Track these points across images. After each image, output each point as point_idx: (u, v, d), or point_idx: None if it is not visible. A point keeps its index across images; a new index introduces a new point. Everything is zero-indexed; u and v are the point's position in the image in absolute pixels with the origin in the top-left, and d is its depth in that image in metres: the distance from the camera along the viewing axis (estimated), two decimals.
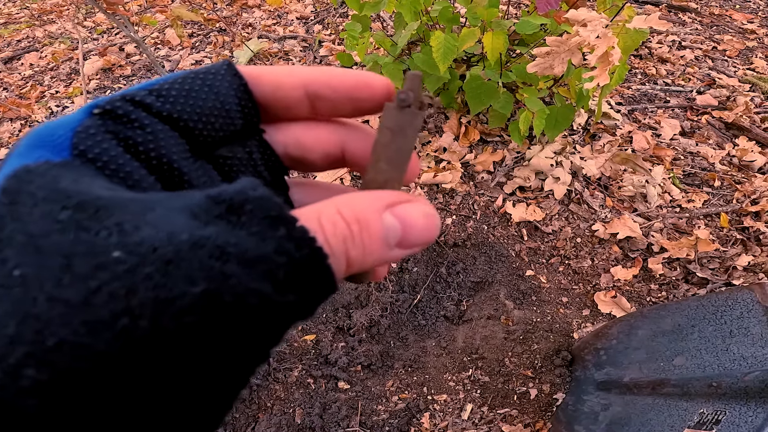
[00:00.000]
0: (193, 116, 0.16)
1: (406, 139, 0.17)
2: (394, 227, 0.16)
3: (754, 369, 0.74)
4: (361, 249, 0.15)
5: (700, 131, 1.67)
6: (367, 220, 0.15)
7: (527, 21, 1.32)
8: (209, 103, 0.17)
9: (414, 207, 0.16)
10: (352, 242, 0.15)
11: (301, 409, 1.13)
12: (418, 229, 0.16)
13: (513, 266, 1.36)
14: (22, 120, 1.95)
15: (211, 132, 0.17)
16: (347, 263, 0.15)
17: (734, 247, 1.30)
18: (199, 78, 0.17)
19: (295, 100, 0.18)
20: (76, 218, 0.12)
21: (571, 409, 1.05)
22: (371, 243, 0.15)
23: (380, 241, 0.15)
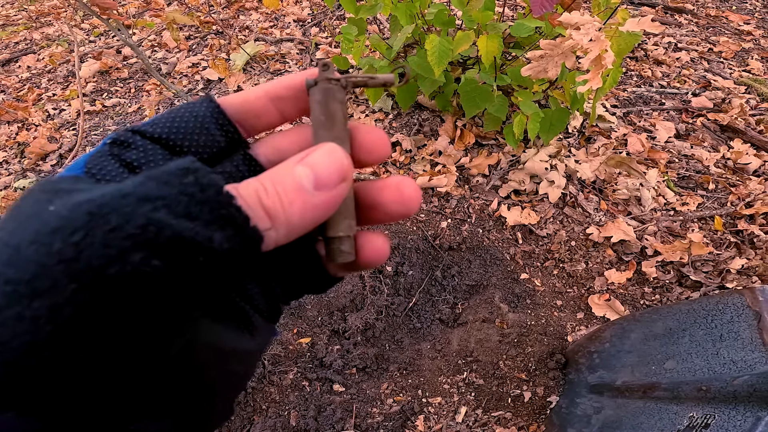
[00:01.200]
0: (179, 136, 0.20)
1: (332, 107, 0.20)
2: (305, 173, 0.18)
3: (743, 373, 0.74)
4: (276, 198, 0.17)
5: (695, 134, 1.68)
6: (279, 175, 0.18)
7: (522, 24, 1.32)
8: (191, 124, 0.20)
9: (319, 149, 0.19)
10: (265, 193, 0.17)
11: (296, 411, 1.14)
12: (324, 165, 0.18)
13: (508, 269, 1.37)
14: (20, 122, 1.95)
15: (197, 148, 0.20)
16: (267, 213, 0.17)
17: (728, 251, 1.30)
18: (184, 108, 0.21)
19: (261, 107, 0.21)
20: (48, 198, 0.16)
21: (564, 412, 1.06)
22: (287, 192, 0.17)
23: (295, 188, 0.18)
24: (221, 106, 0.21)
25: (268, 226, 0.17)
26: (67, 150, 1.81)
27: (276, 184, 0.18)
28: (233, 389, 0.20)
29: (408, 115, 1.72)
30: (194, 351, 0.17)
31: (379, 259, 0.20)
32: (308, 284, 0.22)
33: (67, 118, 1.97)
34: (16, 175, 1.74)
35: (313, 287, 0.22)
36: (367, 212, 0.21)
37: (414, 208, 0.20)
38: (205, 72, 2.09)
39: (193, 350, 0.17)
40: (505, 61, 1.50)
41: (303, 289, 0.22)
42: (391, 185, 0.20)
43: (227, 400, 0.20)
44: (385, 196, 0.20)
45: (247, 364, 0.20)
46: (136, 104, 2.00)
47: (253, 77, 2.03)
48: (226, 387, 0.19)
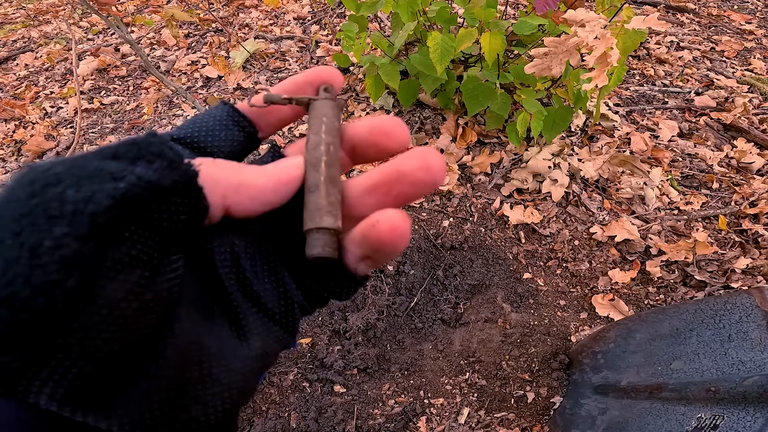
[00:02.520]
0: (200, 136, 0.21)
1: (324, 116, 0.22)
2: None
3: (753, 374, 0.73)
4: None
5: (699, 133, 1.67)
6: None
7: (525, 21, 1.31)
8: (210, 123, 0.21)
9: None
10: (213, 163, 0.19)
11: (296, 413, 1.12)
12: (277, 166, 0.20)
13: (510, 269, 1.36)
14: (17, 120, 1.94)
15: (219, 144, 0.21)
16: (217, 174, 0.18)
17: (732, 250, 1.29)
18: (205, 113, 0.22)
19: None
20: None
21: (568, 413, 1.05)
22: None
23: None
24: (238, 106, 0.22)
25: (200, 162, 0.18)
26: (64, 148, 1.79)
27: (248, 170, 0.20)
28: (221, 400, 0.17)
29: (409, 113, 1.71)
30: (172, 343, 0.16)
31: (396, 237, 0.18)
32: (329, 283, 0.21)
33: (64, 116, 1.95)
34: (12, 173, 1.72)
35: (335, 287, 0.21)
36: (392, 186, 0.20)
37: (440, 177, 0.19)
38: (204, 69, 2.08)
39: (171, 341, 0.16)
40: (508, 59, 1.49)
41: (324, 290, 0.21)
42: (415, 153, 0.19)
43: (218, 412, 0.17)
44: (410, 164, 0.19)
45: (234, 373, 0.18)
46: (134, 102, 1.98)
47: (253, 75, 2.02)
48: (210, 395, 0.17)
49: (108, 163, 0.15)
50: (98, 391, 0.15)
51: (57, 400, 0.14)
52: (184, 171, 0.17)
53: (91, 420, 0.15)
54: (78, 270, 0.14)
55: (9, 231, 0.14)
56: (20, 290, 0.13)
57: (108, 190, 0.14)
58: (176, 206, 0.16)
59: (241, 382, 0.18)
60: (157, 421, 0.16)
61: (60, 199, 0.14)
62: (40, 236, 0.14)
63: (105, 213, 0.14)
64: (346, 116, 1.76)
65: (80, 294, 0.14)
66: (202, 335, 0.17)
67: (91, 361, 0.14)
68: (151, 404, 0.16)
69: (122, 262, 0.15)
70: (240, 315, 0.19)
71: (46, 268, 0.13)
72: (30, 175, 0.15)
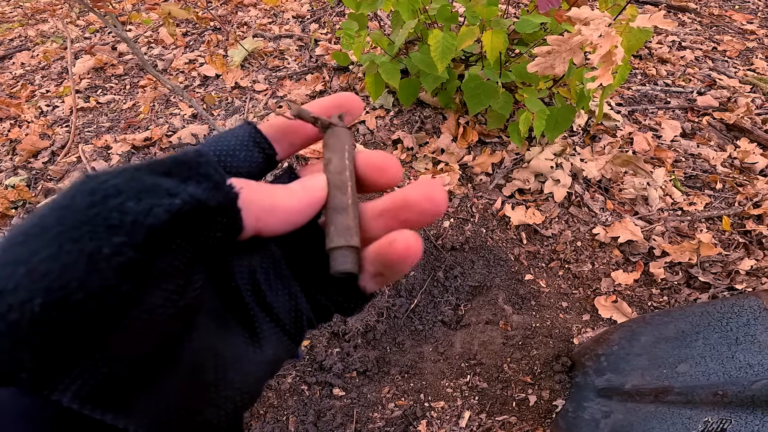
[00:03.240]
0: (222, 154, 0.22)
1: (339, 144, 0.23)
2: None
3: (761, 377, 0.71)
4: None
5: (701, 133, 1.66)
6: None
7: (527, 20, 1.29)
8: (232, 143, 0.22)
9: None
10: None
11: (294, 416, 1.11)
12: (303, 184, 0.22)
13: (512, 270, 1.34)
14: (12, 119, 1.91)
15: (237, 164, 0.22)
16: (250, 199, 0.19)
17: (737, 251, 1.27)
18: (228, 132, 0.23)
19: (298, 125, 0.24)
20: None
21: (571, 416, 1.03)
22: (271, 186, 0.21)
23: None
24: (260, 127, 0.23)
25: (242, 185, 0.19)
26: (59, 147, 1.77)
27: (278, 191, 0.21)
28: (233, 403, 0.18)
29: (409, 113, 1.69)
30: (189, 347, 0.17)
31: (409, 256, 0.20)
32: (338, 299, 0.22)
33: (60, 115, 1.93)
34: (6, 172, 1.70)
35: (344, 303, 0.22)
36: (399, 212, 0.22)
37: (442, 208, 0.21)
38: (202, 68, 2.06)
39: (188, 345, 0.17)
40: (509, 58, 1.47)
41: (332, 304, 0.22)
42: (421, 184, 0.21)
43: (229, 414, 0.18)
44: (416, 195, 0.21)
45: (248, 377, 0.19)
46: (131, 101, 1.96)
47: (251, 73, 2.00)
48: (223, 398, 0.18)
49: (163, 179, 0.17)
50: (120, 391, 0.16)
51: (80, 398, 0.15)
52: (227, 192, 0.18)
53: (110, 419, 0.15)
54: (132, 277, 0.15)
55: (68, 237, 0.15)
56: (74, 293, 0.14)
57: (165, 205, 0.16)
58: (216, 224, 0.18)
59: (253, 386, 0.19)
60: (174, 422, 0.17)
61: (120, 210, 0.15)
62: (99, 243, 0.14)
63: (162, 226, 0.15)
64: None
65: (130, 299, 0.15)
66: (218, 341, 0.19)
67: (122, 362, 0.15)
68: (168, 406, 0.16)
69: (166, 272, 0.16)
70: (255, 324, 0.20)
71: (103, 273, 0.14)
72: (90, 185, 0.16)
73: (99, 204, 0.15)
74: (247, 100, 1.87)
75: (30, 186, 1.64)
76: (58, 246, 0.14)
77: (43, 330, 0.14)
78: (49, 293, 0.14)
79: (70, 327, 0.14)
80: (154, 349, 0.16)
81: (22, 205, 1.57)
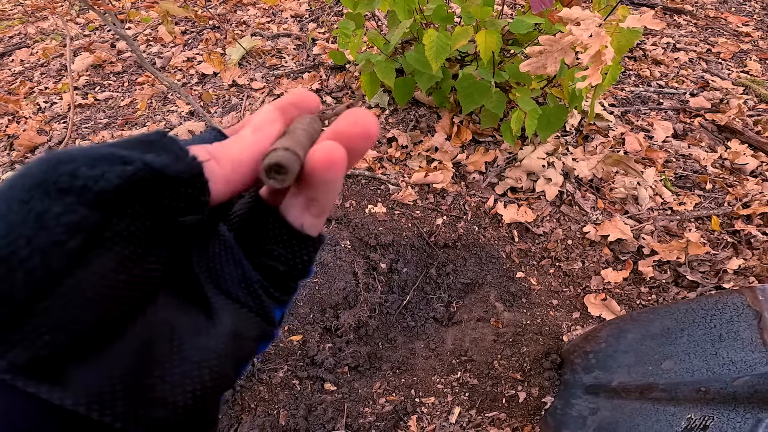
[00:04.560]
0: None
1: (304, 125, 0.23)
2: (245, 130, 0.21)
3: (743, 374, 0.72)
4: (219, 144, 0.20)
5: (693, 134, 1.67)
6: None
7: (521, 20, 1.31)
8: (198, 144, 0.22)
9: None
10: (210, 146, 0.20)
11: (285, 410, 1.11)
12: (258, 116, 0.22)
13: (503, 268, 1.35)
14: (10, 115, 1.92)
15: None
16: (208, 152, 0.19)
17: (725, 251, 1.29)
18: (196, 137, 0.22)
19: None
20: None
21: (559, 413, 1.04)
22: (229, 141, 0.20)
23: (235, 137, 0.21)
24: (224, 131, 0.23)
25: (207, 158, 0.19)
26: (56, 143, 1.78)
27: (222, 142, 0.20)
28: (190, 380, 0.17)
29: (404, 111, 1.70)
30: (142, 320, 0.17)
31: (329, 163, 0.19)
32: (280, 251, 0.21)
33: (58, 111, 1.94)
34: (4, 167, 1.71)
35: (287, 255, 0.21)
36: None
37: (370, 129, 0.20)
38: (200, 66, 2.07)
39: (142, 318, 0.17)
40: (503, 58, 1.49)
41: (276, 262, 0.21)
42: (349, 112, 0.21)
43: (187, 393, 0.17)
44: (342, 123, 0.20)
45: (206, 352, 0.18)
46: (128, 98, 1.97)
47: (249, 72, 2.01)
48: (179, 374, 0.17)
49: (121, 149, 0.16)
50: (57, 361, 0.15)
51: (15, 367, 0.14)
52: (188, 163, 0.18)
53: (44, 392, 0.14)
54: (81, 234, 0.15)
55: (18, 199, 0.14)
56: (19, 250, 0.14)
57: (117, 171, 0.16)
58: (180, 195, 0.17)
59: (213, 361, 0.18)
60: (118, 397, 0.15)
61: (72, 174, 0.15)
62: (49, 204, 0.14)
63: (113, 190, 0.15)
64: None
65: (77, 257, 0.15)
66: (175, 316, 0.18)
67: (65, 330, 0.14)
68: (112, 378, 0.15)
69: (120, 235, 0.16)
70: (207, 296, 0.19)
71: (51, 230, 0.14)
72: (45, 156, 0.16)
73: (51, 169, 0.15)
74: (245, 98, 1.88)
75: None
76: (7, 207, 0.14)
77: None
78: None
79: (12, 287, 0.14)
80: (103, 319, 0.15)
81: None
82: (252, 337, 0.20)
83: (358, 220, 1.43)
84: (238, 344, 0.19)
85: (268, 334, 0.21)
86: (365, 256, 1.37)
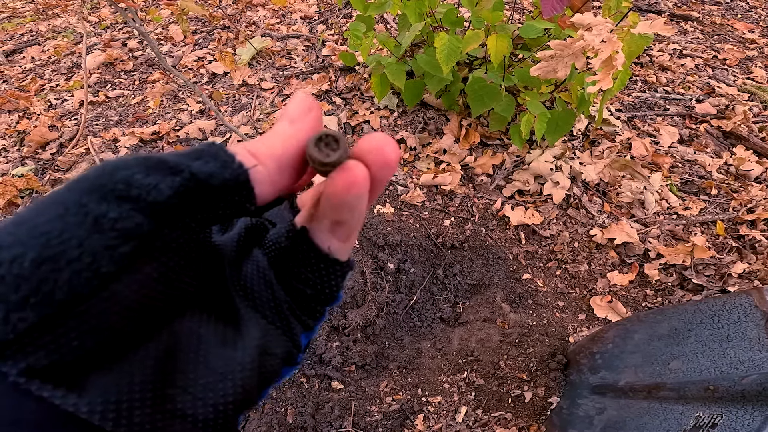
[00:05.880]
0: None
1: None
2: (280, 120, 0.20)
3: (751, 372, 0.73)
4: (259, 143, 0.19)
5: (699, 139, 1.68)
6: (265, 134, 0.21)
7: (532, 25, 1.32)
8: None
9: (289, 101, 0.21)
10: (250, 144, 0.19)
11: (293, 408, 1.12)
12: (293, 105, 0.20)
13: (510, 269, 1.36)
14: (20, 112, 1.94)
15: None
16: (252, 154, 0.19)
17: (730, 255, 1.30)
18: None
19: None
20: None
21: (565, 413, 1.05)
22: (268, 136, 0.19)
23: (274, 131, 0.20)
24: None
25: (253, 162, 0.18)
26: (67, 139, 1.79)
27: (261, 137, 0.20)
28: (213, 392, 0.17)
29: (413, 113, 1.72)
30: (169, 329, 0.17)
31: (349, 182, 0.18)
32: (305, 274, 0.21)
33: (69, 108, 1.96)
34: (14, 162, 1.73)
35: (313, 278, 0.21)
36: None
37: (390, 155, 0.19)
38: (210, 66, 2.09)
39: (171, 329, 0.17)
40: (513, 63, 1.50)
41: (304, 285, 0.21)
42: (369, 136, 0.20)
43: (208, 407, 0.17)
44: (362, 146, 0.19)
45: (232, 364, 0.18)
46: (139, 96, 1.99)
47: (259, 72, 2.03)
48: (201, 386, 0.17)
49: (171, 156, 0.17)
50: (79, 367, 0.14)
51: (33, 371, 0.13)
52: (234, 170, 0.17)
53: (58, 398, 0.14)
54: (133, 241, 0.15)
55: (75, 202, 0.14)
56: (70, 250, 0.14)
57: (168, 182, 0.16)
58: (225, 203, 0.17)
59: (238, 374, 0.18)
60: (135, 406, 0.15)
61: (128, 182, 0.15)
62: (107, 208, 0.14)
63: (166, 201, 0.15)
64: (351, 114, 1.77)
65: (126, 263, 0.14)
66: (203, 328, 0.18)
67: (96, 336, 0.14)
68: (131, 385, 0.15)
69: (169, 246, 0.16)
70: (237, 307, 0.19)
71: (105, 234, 0.14)
72: (103, 163, 0.16)
73: (108, 175, 0.15)
74: (254, 97, 1.90)
75: (37, 176, 1.67)
76: (64, 209, 0.14)
77: (26, 287, 0.13)
78: (45, 249, 0.13)
79: (54, 287, 0.13)
80: (134, 328, 0.15)
81: (30, 194, 1.59)
82: (278, 355, 0.20)
83: (366, 220, 1.44)
84: (264, 360, 0.19)
85: (293, 356, 0.21)
86: (373, 256, 1.38)
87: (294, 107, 0.20)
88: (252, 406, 0.19)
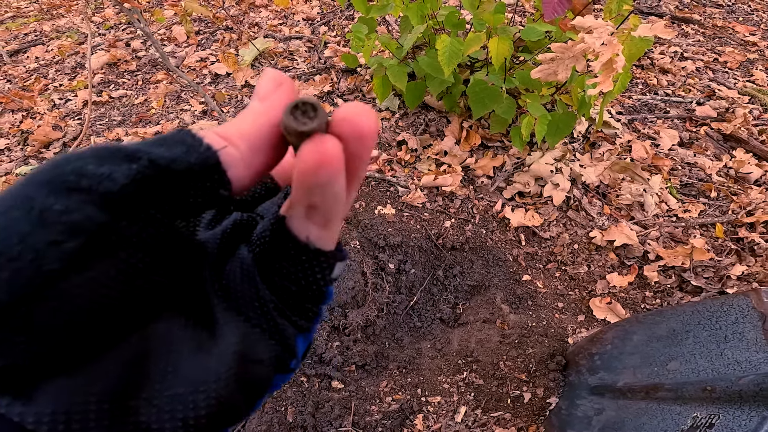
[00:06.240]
0: None
1: None
2: (252, 100, 0.19)
3: (748, 373, 0.74)
4: (229, 125, 0.18)
5: (699, 142, 1.69)
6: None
7: (533, 28, 1.33)
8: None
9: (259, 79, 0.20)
10: (219, 127, 0.18)
11: (293, 407, 1.13)
12: (262, 81, 0.18)
13: (510, 271, 1.37)
14: (24, 111, 1.95)
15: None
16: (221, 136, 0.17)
17: (729, 257, 1.30)
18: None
19: None
20: None
21: (564, 414, 1.05)
22: (239, 117, 0.18)
23: (245, 111, 0.18)
24: None
25: (223, 144, 0.17)
26: (71, 139, 1.81)
27: (232, 120, 0.18)
28: (182, 405, 0.15)
29: (414, 115, 1.73)
30: (139, 333, 0.15)
31: (318, 157, 0.16)
32: (289, 269, 0.19)
33: (72, 108, 1.97)
34: (17, 161, 1.74)
35: (296, 271, 0.19)
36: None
37: (365, 127, 0.17)
38: (213, 66, 2.10)
39: (140, 334, 0.15)
40: (514, 65, 1.51)
41: (287, 281, 0.19)
42: (344, 107, 0.17)
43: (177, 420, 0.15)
44: (336, 116, 0.17)
45: (206, 372, 0.16)
46: (143, 96, 2.01)
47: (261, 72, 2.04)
48: (168, 398, 0.15)
49: (131, 144, 0.15)
50: (31, 373, 0.13)
51: None
52: (201, 153, 0.16)
53: (3, 406, 0.13)
54: (82, 235, 0.13)
55: (24, 195, 0.13)
56: (9, 248, 0.12)
57: (124, 170, 0.14)
58: (195, 190, 0.16)
59: (212, 385, 0.16)
60: (90, 418, 0.13)
61: (79, 172, 0.14)
62: (53, 201, 0.13)
63: (119, 191, 0.14)
64: None
65: (75, 260, 0.13)
66: (177, 333, 0.16)
67: (47, 338, 0.13)
68: (87, 396, 0.14)
69: (128, 241, 0.14)
70: (213, 310, 0.18)
71: (50, 229, 0.13)
72: (59, 155, 0.15)
73: (60, 167, 0.14)
74: None
75: None
76: (12, 203, 0.13)
77: None
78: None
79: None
80: (93, 331, 0.14)
81: None
82: (264, 362, 0.18)
83: (367, 220, 1.45)
84: (246, 368, 0.17)
85: (285, 362, 0.19)
86: (374, 257, 1.39)
87: (263, 84, 0.18)
88: (239, 419, 0.17)
